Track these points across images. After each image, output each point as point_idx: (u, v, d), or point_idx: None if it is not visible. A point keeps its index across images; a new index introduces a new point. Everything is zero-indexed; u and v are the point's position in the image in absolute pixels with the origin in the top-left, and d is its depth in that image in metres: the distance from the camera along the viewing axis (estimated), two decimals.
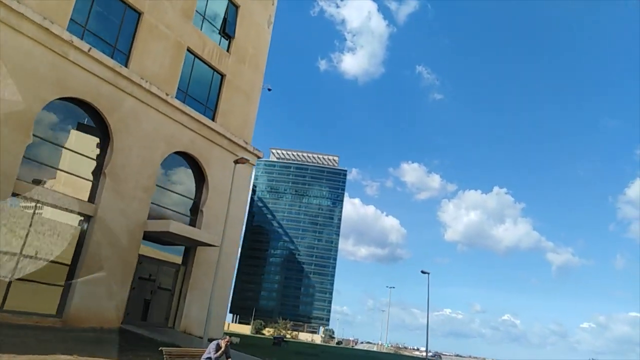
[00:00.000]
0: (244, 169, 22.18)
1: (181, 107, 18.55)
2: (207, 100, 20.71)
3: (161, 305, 18.51)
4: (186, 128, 18.99)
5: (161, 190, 18.63)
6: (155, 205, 18.29)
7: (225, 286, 20.98)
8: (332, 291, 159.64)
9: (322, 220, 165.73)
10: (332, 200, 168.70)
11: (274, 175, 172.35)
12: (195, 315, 19.16)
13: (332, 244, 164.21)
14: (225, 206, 20.76)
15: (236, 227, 21.47)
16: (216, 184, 20.37)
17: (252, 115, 23.15)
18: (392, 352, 79.64)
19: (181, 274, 19.14)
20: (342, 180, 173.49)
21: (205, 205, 19.76)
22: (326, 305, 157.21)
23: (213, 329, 20.07)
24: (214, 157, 20.42)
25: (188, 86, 19.67)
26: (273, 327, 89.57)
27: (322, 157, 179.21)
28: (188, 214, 19.90)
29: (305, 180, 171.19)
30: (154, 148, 17.63)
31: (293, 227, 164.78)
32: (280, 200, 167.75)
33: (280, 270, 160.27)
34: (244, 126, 22.50)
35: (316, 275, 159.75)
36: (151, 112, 17.45)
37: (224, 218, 20.90)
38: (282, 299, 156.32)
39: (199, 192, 20.15)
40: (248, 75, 22.80)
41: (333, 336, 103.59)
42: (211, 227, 19.80)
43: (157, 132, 17.72)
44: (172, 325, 18.69)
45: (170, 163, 19.02)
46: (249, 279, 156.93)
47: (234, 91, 21.88)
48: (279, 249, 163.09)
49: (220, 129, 20.55)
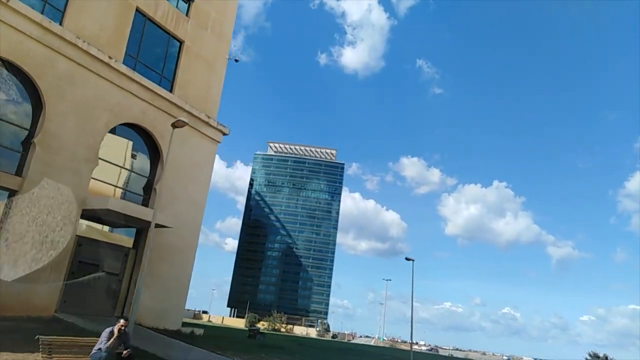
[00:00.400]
0: (207, 145, 20.41)
1: (129, 74, 16.69)
2: (162, 68, 18.83)
3: (108, 292, 16.75)
4: (136, 97, 17.14)
5: (109, 165, 16.82)
6: (101, 182, 16.52)
7: (185, 274, 19.22)
8: (330, 285, 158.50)
9: (320, 214, 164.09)
10: (330, 194, 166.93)
11: (271, 169, 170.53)
12: (147, 305, 17.34)
13: (330, 237, 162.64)
14: (184, 185, 19.01)
15: (197, 209, 19.68)
16: (173, 160, 18.49)
17: (217, 88, 21.26)
18: (388, 347, 78.13)
19: (131, 258, 17.35)
20: (340, 174, 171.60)
21: (160, 184, 17.91)
22: (324, 298, 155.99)
23: (170, 319, 18.38)
24: (170, 131, 18.51)
25: (139, 52, 17.79)
26: (267, 321, 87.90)
27: (319, 151, 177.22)
28: (141, 192, 18.09)
29: (302, 173, 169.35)
30: (96, 117, 15.79)
31: (291, 221, 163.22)
32: (278, 194, 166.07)
33: (279, 264, 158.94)
34: (207, 99, 20.62)
35: (314, 269, 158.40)
36: (91, 77, 15.59)
37: (184, 198, 19.16)
38: (280, 293, 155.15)
39: (153, 169, 18.33)
40: (211, 42, 20.88)
41: (329, 330, 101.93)
42: (167, 207, 17.98)
43: (100, 100, 15.87)
44: (119, 315, 16.91)
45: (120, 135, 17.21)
46: (247, 273, 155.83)
47: (194, 60, 19.99)
48: (277, 242, 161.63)
49: (178, 101, 18.68)
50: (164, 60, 18.86)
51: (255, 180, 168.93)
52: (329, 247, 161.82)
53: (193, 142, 19.53)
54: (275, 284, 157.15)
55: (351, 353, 28.88)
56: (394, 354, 35.57)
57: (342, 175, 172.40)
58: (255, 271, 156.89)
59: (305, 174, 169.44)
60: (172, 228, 17.19)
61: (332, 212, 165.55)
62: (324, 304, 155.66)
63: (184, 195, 18.94)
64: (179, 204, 18.66)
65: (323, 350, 25.77)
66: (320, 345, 33.16)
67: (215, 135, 20.54)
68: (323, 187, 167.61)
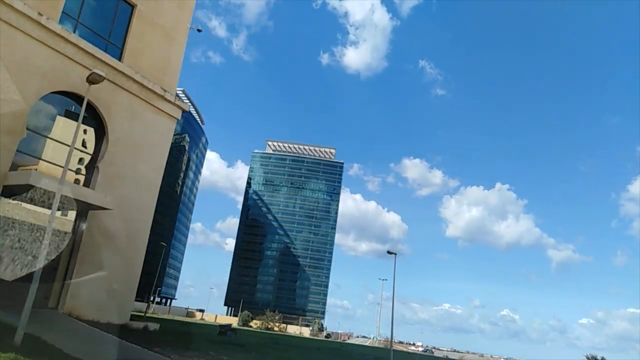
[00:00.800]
0: (162, 122, 18.53)
1: (66, 35, 14.82)
2: (109, 34, 16.95)
3: (40, 281, 14.83)
4: (75, 63, 15.26)
5: (42, 139, 14.96)
6: (34, 157, 14.68)
7: (134, 263, 17.31)
8: (327, 284, 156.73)
9: (319, 213, 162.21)
10: (328, 194, 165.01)
11: (269, 167, 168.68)
12: (87, 295, 15.50)
13: (328, 237, 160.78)
14: (134, 164, 17.14)
15: (149, 191, 17.79)
16: (121, 136, 16.66)
17: (176, 60, 19.38)
18: (382, 347, 76.07)
19: (69, 244, 15.44)
20: (338, 173, 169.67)
21: (104, 161, 16.04)
22: (321, 298, 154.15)
23: (116, 312, 16.49)
24: (118, 103, 16.68)
25: (80, 12, 15.91)
26: (261, 320, 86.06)
27: (318, 150, 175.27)
28: (84, 171, 16.21)
29: (301, 172, 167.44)
30: (24, 82, 13.91)
31: (289, 221, 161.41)
32: (276, 194, 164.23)
33: (276, 263, 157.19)
34: (164, 71, 18.74)
35: (312, 268, 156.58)
36: (18, 36, 13.73)
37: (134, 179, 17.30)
38: (277, 292, 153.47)
39: (98, 146, 16.44)
40: (169, 9, 19.01)
41: (322, 329, 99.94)
42: (113, 188, 16.10)
43: (28, 63, 14.01)
44: (54, 306, 15.06)
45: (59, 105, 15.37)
46: (245, 272, 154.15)
47: (148, 27, 18.11)
48: (275, 242, 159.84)
49: (127, 70, 16.81)
50: (112, 25, 16.98)
51: (253, 179, 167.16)
52: (327, 247, 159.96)
53: (146, 117, 17.66)
54: (273, 283, 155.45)
55: (327, 352, 26.91)
56: (377, 354, 33.62)
57: (341, 174, 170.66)
58: (252, 270, 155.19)
59: (304, 173, 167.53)
60: (117, 211, 15.37)
61: (331, 211, 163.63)
62: (321, 303, 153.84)
63: (134, 176, 17.07)
64: (126, 184, 16.78)
65: (295, 349, 23.84)
66: (300, 345, 31.23)
67: (173, 111, 18.66)
68: (322, 187, 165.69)
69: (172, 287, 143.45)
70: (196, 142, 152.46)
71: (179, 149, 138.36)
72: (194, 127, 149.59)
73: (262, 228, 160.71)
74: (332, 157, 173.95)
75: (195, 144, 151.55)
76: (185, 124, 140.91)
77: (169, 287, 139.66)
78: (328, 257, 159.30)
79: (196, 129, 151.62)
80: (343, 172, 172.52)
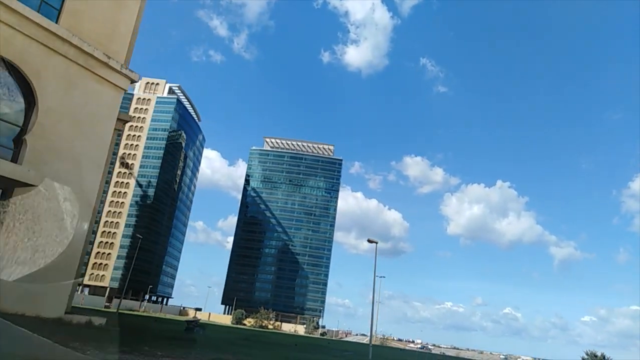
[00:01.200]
0: (107, 92, 16.58)
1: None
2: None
3: None
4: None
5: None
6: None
7: (72, 249, 15.34)
8: (326, 283, 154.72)
9: (317, 211, 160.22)
10: (327, 191, 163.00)
11: (267, 164, 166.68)
12: (11, 286, 13.60)
13: (327, 235, 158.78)
14: (70, 139, 15.22)
15: (91, 170, 15.84)
16: (54, 106, 14.74)
17: (127, 26, 17.43)
18: (378, 345, 74.17)
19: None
20: (337, 170, 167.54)
21: (32, 133, 14.13)
22: (320, 296, 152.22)
23: (47, 305, 14.60)
24: (51, 69, 14.75)
25: None
26: (255, 318, 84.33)
27: (317, 147, 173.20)
28: (11, 145, 14.32)
29: (300, 170, 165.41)
30: None
31: (287, 218, 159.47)
32: (274, 191, 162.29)
33: (275, 261, 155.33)
34: (112, 37, 16.81)
35: (310, 267, 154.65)
36: None
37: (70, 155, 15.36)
38: (276, 291, 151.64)
39: (28, 117, 14.52)
40: None
41: (318, 327, 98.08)
42: (44, 164, 14.20)
43: None
44: None
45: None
46: (243, 271, 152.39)
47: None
48: (274, 240, 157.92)
49: (62, 32, 14.87)
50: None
51: (252, 177, 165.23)
52: (326, 244, 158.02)
53: (86, 86, 15.75)
54: (271, 281, 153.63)
55: (305, 349, 24.96)
56: (361, 350, 31.73)
57: (340, 171, 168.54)
58: (251, 269, 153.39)
59: (303, 170, 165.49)
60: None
61: (330, 209, 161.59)
62: (320, 302, 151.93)
63: (71, 152, 15.15)
64: (62, 161, 14.86)
65: (265, 345, 21.94)
66: (280, 342, 29.34)
67: (119, 81, 16.73)
68: (321, 184, 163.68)
69: (168, 285, 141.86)
70: (193, 140, 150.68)
71: (175, 146, 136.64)
72: (191, 125, 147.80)
73: (260, 226, 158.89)
74: (330, 153, 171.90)
75: (192, 141, 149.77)
76: (181, 121, 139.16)
77: (165, 286, 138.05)
78: (327, 254, 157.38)
79: (193, 126, 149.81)
80: (342, 169, 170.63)
